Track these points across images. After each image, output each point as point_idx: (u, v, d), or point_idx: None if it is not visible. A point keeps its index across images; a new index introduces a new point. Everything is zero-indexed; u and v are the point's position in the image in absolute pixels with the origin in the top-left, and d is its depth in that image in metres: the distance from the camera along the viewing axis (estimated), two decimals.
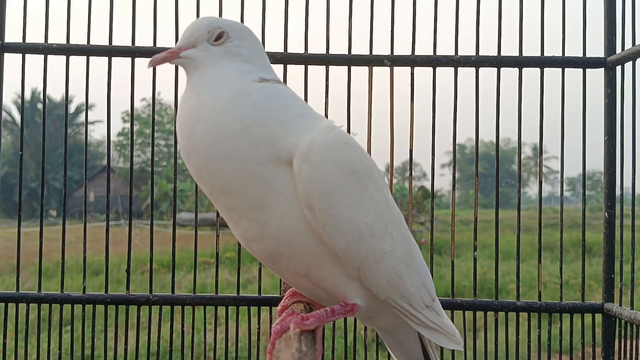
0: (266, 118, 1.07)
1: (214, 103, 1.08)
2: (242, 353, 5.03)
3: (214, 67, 1.14)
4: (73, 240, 8.57)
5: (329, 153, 1.07)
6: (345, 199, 1.09)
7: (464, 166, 41.60)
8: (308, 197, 1.06)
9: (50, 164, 27.41)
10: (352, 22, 1.84)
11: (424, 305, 1.23)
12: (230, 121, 1.06)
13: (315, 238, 1.10)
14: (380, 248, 1.14)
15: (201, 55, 1.16)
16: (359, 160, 1.13)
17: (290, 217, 1.09)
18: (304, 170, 1.06)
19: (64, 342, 1.82)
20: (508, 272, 9.18)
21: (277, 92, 1.13)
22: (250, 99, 1.09)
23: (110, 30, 1.84)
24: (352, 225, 1.10)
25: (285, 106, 1.11)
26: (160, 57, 1.16)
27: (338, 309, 1.15)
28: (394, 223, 1.19)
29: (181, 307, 1.82)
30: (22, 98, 1.96)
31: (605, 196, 1.85)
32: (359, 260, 1.12)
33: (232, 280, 8.51)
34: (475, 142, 1.90)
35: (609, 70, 1.84)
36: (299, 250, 1.12)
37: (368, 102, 1.82)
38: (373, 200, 1.14)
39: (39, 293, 1.81)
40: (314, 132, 1.09)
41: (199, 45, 1.17)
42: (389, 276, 1.16)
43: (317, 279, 1.16)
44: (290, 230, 1.10)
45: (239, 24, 1.22)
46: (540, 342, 1.85)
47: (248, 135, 1.06)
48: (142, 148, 33.27)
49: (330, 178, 1.07)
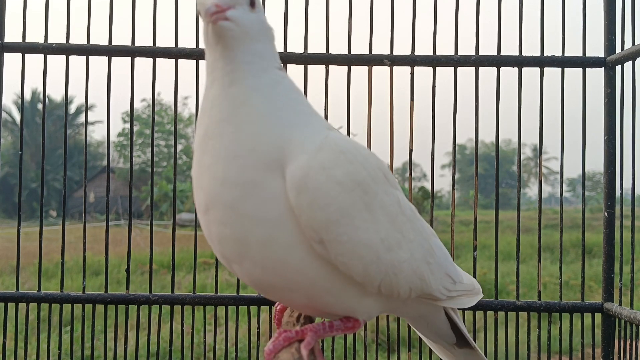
0: (287, 121, 0.98)
1: (258, 88, 0.97)
2: (242, 354, 5.02)
3: (256, 43, 1.00)
4: (73, 241, 8.55)
5: (327, 172, 0.94)
6: (354, 220, 0.96)
7: (464, 167, 41.59)
8: (314, 229, 0.93)
9: (50, 164, 27.38)
10: (352, 22, 1.84)
11: (447, 292, 1.16)
12: (258, 114, 0.96)
13: (324, 269, 0.97)
14: (399, 259, 1.04)
15: (246, 19, 0.99)
16: (361, 167, 1.00)
17: (281, 239, 0.94)
18: (303, 201, 0.92)
19: (64, 342, 1.82)
20: (508, 272, 9.18)
21: (289, 88, 1.03)
22: (279, 90, 1.00)
23: (110, 29, 1.84)
24: (367, 247, 0.98)
25: (293, 106, 1.01)
26: (213, 10, 0.95)
27: (338, 324, 1.06)
28: (408, 224, 1.08)
29: (181, 307, 1.82)
30: (22, 98, 1.96)
31: (605, 196, 1.85)
32: (379, 278, 1.01)
33: (232, 281, 8.46)
34: (475, 142, 1.89)
35: (609, 70, 1.84)
36: (296, 282, 0.98)
37: (368, 102, 1.82)
38: (383, 209, 1.02)
39: (39, 293, 1.81)
40: (305, 147, 0.96)
41: (238, 7, 0.99)
42: (410, 282, 1.07)
43: (322, 306, 1.05)
44: (283, 254, 0.95)
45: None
46: (540, 342, 1.85)
47: (265, 129, 0.96)
48: (142, 148, 33.25)
49: (334, 202, 0.94)
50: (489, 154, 39.54)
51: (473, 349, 1.32)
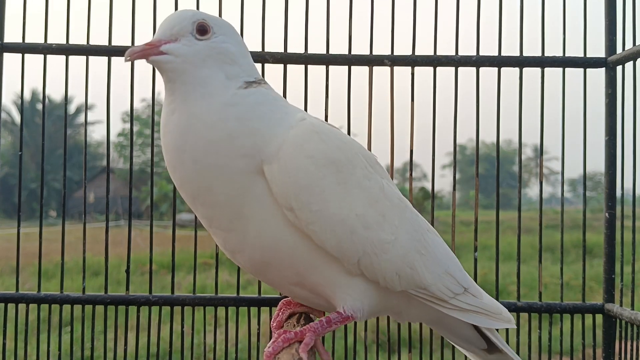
0: (253, 128, 1.02)
1: (204, 116, 1.01)
2: (242, 354, 5.00)
3: (200, 72, 1.03)
4: (73, 241, 8.56)
5: (298, 146, 1.02)
6: (325, 191, 1.02)
7: (465, 167, 41.57)
8: (284, 196, 1.00)
9: (50, 164, 27.33)
10: (352, 22, 1.84)
11: (451, 294, 1.14)
12: (219, 135, 1.01)
13: (303, 242, 1.04)
14: (380, 238, 1.06)
15: (186, 51, 1.03)
16: (336, 149, 1.05)
17: (271, 223, 1.03)
18: (275, 169, 1.00)
19: (64, 343, 1.82)
20: (509, 273, 9.16)
21: (263, 97, 1.07)
22: (238, 110, 1.03)
23: (109, 29, 1.83)
24: (339, 219, 1.02)
25: (270, 111, 1.05)
26: (138, 49, 1.02)
27: (335, 317, 1.08)
28: (393, 210, 1.10)
29: (181, 307, 1.82)
30: (22, 98, 1.96)
31: (606, 196, 1.85)
32: (356, 255, 1.04)
33: (232, 281, 8.44)
34: (476, 143, 1.89)
35: (610, 70, 1.84)
36: (286, 258, 1.06)
37: (368, 102, 1.82)
38: (362, 190, 1.06)
39: (39, 293, 1.80)
40: (285, 130, 1.04)
41: (182, 39, 1.04)
42: (397, 268, 1.08)
43: (312, 285, 1.09)
44: (273, 237, 1.04)
45: (223, 19, 1.13)
46: (540, 343, 1.85)
47: (236, 146, 1.01)
48: (142, 149, 33.22)
49: (303, 171, 1.01)
50: (489, 154, 39.50)
51: (504, 354, 1.28)
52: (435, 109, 1.84)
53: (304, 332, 1.04)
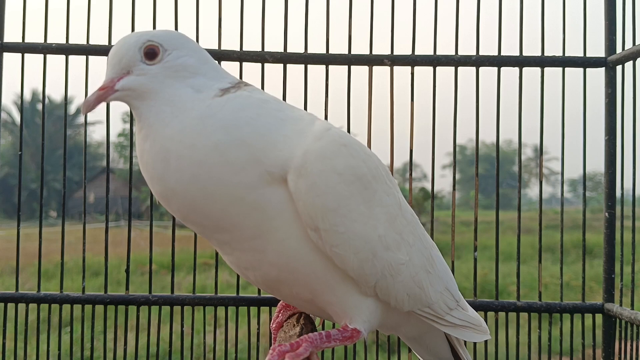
0: (242, 136, 0.92)
1: (180, 136, 0.91)
2: (242, 354, 5.00)
3: (163, 93, 0.95)
4: (73, 241, 8.55)
5: (327, 161, 0.94)
6: (352, 212, 0.96)
7: (465, 167, 41.55)
8: (310, 216, 0.93)
9: (50, 165, 27.29)
10: (352, 22, 1.84)
11: (448, 309, 1.13)
12: (204, 152, 0.90)
13: (323, 263, 0.98)
14: (397, 260, 1.02)
15: (142, 81, 0.96)
16: (362, 163, 1.00)
17: (291, 240, 0.96)
18: (302, 186, 0.92)
19: (64, 343, 1.82)
20: (509, 273, 9.12)
21: (244, 101, 0.96)
22: (218, 119, 0.92)
23: (109, 29, 1.83)
24: (363, 241, 0.97)
25: (258, 116, 0.95)
26: (91, 99, 0.96)
27: (336, 334, 1.03)
28: (408, 227, 1.07)
29: (181, 307, 1.82)
30: (22, 98, 1.95)
31: (606, 196, 1.85)
32: (374, 278, 1.00)
33: (232, 282, 8.43)
34: (476, 142, 1.89)
35: (610, 70, 1.84)
36: (302, 276, 1.00)
37: (368, 102, 1.82)
38: (383, 207, 1.02)
39: (39, 293, 1.80)
40: (306, 138, 0.96)
41: (133, 69, 0.97)
42: (408, 288, 1.05)
43: (323, 304, 1.05)
44: (291, 254, 0.98)
45: (170, 31, 1.04)
46: (540, 343, 1.84)
47: (228, 161, 0.91)
48: None
49: (332, 191, 0.94)
50: (489, 154, 39.49)
51: None
52: (435, 108, 1.84)
53: (300, 343, 0.99)
